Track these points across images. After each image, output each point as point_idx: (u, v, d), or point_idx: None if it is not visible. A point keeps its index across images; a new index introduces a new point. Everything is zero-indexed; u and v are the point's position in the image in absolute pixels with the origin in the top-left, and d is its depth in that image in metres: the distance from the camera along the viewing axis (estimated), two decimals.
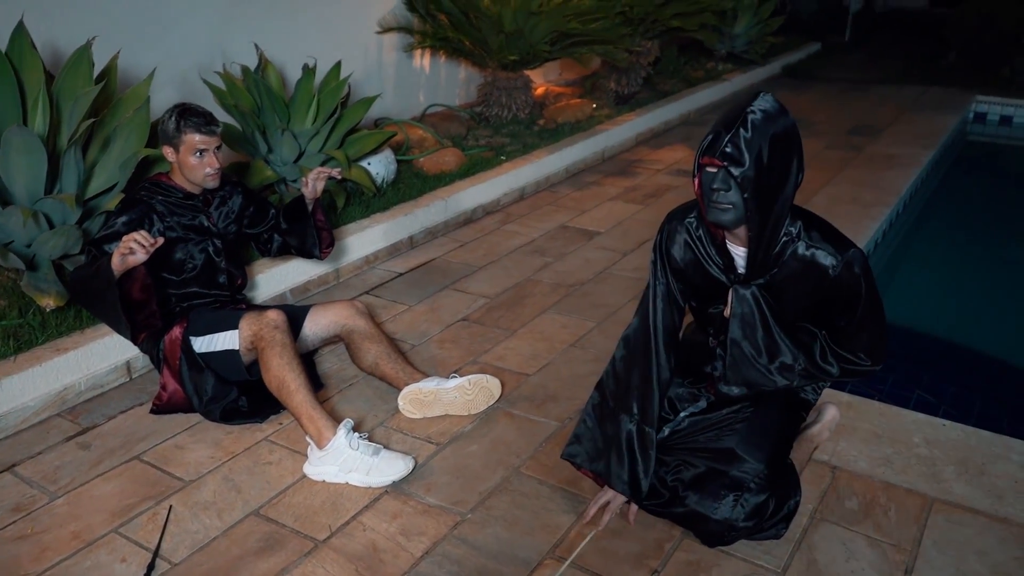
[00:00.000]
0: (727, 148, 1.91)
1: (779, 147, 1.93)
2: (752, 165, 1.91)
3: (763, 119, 1.91)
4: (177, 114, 2.72)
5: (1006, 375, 3.81)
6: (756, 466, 2.14)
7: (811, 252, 2.04)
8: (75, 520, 2.30)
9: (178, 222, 2.80)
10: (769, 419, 2.25)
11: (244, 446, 2.63)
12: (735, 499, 2.11)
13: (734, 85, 7.78)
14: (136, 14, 3.99)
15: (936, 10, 13.87)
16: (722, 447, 2.20)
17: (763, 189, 1.93)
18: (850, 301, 2.06)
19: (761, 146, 1.91)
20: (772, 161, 1.92)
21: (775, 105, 1.96)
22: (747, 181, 1.91)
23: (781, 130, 1.94)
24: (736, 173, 1.91)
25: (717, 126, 1.97)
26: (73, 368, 2.84)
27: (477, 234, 4.40)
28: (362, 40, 5.40)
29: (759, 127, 1.91)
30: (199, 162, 2.74)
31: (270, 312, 2.69)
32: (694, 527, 2.18)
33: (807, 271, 2.05)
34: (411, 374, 2.80)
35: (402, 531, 2.25)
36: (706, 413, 2.31)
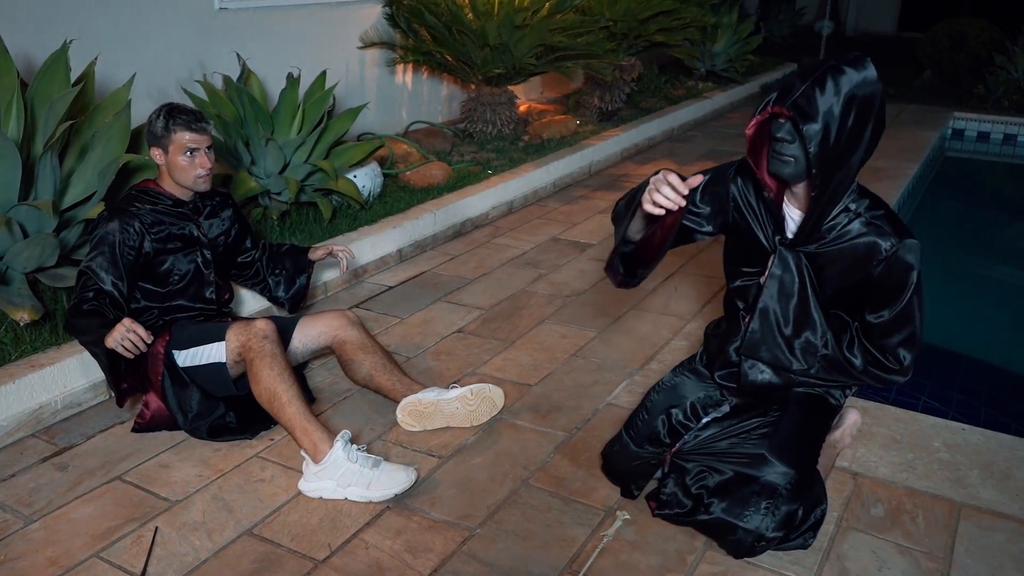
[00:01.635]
0: (800, 100, 1.80)
1: (856, 110, 1.82)
2: (821, 122, 1.80)
3: (846, 78, 1.81)
4: (165, 113, 2.58)
5: (1007, 381, 3.76)
6: (788, 471, 2.02)
7: (869, 230, 1.93)
8: (52, 545, 2.13)
9: (166, 232, 2.65)
10: (798, 423, 2.14)
11: (234, 463, 2.47)
12: (767, 506, 2.00)
13: (714, 103, 7.79)
14: (114, 26, 3.86)
15: (904, 34, 14.12)
16: (750, 452, 2.08)
17: (829, 149, 1.82)
18: (893, 292, 1.94)
19: (834, 104, 1.80)
20: (844, 122, 1.81)
21: (865, 67, 1.84)
22: (813, 136, 1.80)
23: (862, 93, 1.82)
24: (804, 127, 1.80)
25: (794, 77, 1.87)
26: (49, 385, 2.68)
27: (467, 247, 4.29)
28: (344, 55, 5.31)
29: (839, 84, 1.80)
30: (189, 162, 2.59)
31: (258, 322, 2.55)
32: (720, 536, 2.06)
33: (859, 249, 1.94)
34: (409, 385, 2.67)
35: (407, 548, 2.11)
36: (729, 419, 2.20)
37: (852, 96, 1.81)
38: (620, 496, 2.30)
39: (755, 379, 2.12)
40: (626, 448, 2.26)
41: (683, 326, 3.35)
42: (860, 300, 2.01)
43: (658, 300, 3.61)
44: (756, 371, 2.11)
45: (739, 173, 2.12)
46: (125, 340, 2.36)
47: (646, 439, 2.23)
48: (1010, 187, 7.27)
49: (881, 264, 1.92)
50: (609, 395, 2.83)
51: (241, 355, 2.50)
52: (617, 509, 2.24)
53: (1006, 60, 8.09)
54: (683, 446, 2.21)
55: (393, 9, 5.50)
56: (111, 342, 2.37)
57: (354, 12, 5.34)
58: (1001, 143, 7.54)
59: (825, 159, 1.83)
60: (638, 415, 2.29)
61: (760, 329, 2.06)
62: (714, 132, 7.13)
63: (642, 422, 2.26)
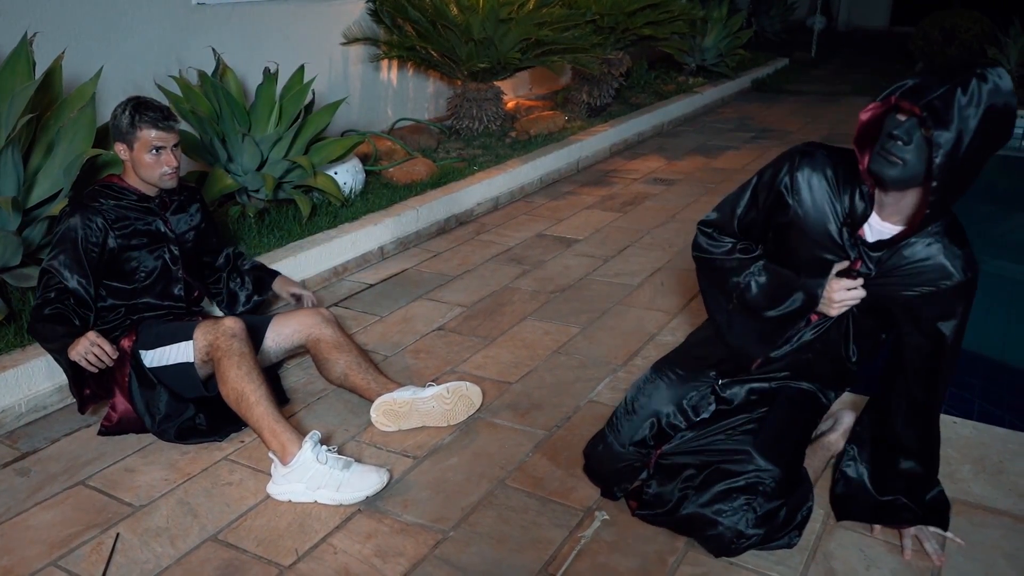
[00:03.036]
0: (936, 101, 1.64)
1: (991, 125, 1.66)
2: (955, 131, 1.64)
3: (989, 87, 1.64)
4: (131, 108, 2.49)
5: (1001, 374, 3.69)
6: (772, 469, 1.95)
7: (946, 254, 1.84)
8: (7, 554, 2.04)
9: (131, 228, 2.57)
10: (785, 421, 2.07)
11: (201, 467, 2.39)
12: (747, 502, 1.92)
13: (704, 98, 7.72)
14: (89, 21, 3.78)
15: (896, 28, 14.09)
16: (735, 448, 2.01)
17: (957, 162, 1.66)
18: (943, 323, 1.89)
19: (972, 116, 1.64)
20: (977, 136, 1.65)
21: (1004, 78, 1.67)
22: (944, 145, 1.64)
23: (1002, 107, 1.66)
24: (935, 132, 1.64)
25: (930, 75, 1.71)
26: (12, 388, 2.59)
27: (451, 244, 4.21)
28: (326, 51, 5.23)
29: (981, 93, 1.64)
30: (155, 160, 2.52)
31: (226, 320, 2.47)
32: (699, 533, 1.98)
33: (931, 271, 1.86)
34: (384, 384, 2.59)
35: (377, 552, 2.02)
36: (717, 419, 2.11)
37: (992, 108, 1.65)
38: (600, 496, 2.22)
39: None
40: (609, 449, 2.18)
41: (668, 321, 3.27)
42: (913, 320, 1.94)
43: (644, 295, 3.53)
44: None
45: (804, 162, 1.98)
46: (89, 354, 2.32)
47: (630, 441, 2.15)
48: (1002, 179, 7.21)
49: (947, 291, 1.85)
50: (591, 392, 2.76)
51: (209, 354, 2.42)
52: (596, 509, 2.16)
53: (998, 52, 8.04)
54: (668, 446, 2.13)
55: (377, 4, 5.42)
56: (74, 355, 2.33)
57: (337, 7, 5.26)
58: None
59: (949, 171, 1.67)
60: (621, 413, 2.20)
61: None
62: (704, 127, 7.06)
63: (626, 422, 2.17)
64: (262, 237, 3.67)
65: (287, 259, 3.52)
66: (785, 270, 2.04)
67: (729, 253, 2.13)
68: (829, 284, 1.95)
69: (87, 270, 2.49)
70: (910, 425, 2.00)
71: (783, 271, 2.04)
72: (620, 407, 2.21)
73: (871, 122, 1.80)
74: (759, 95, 8.58)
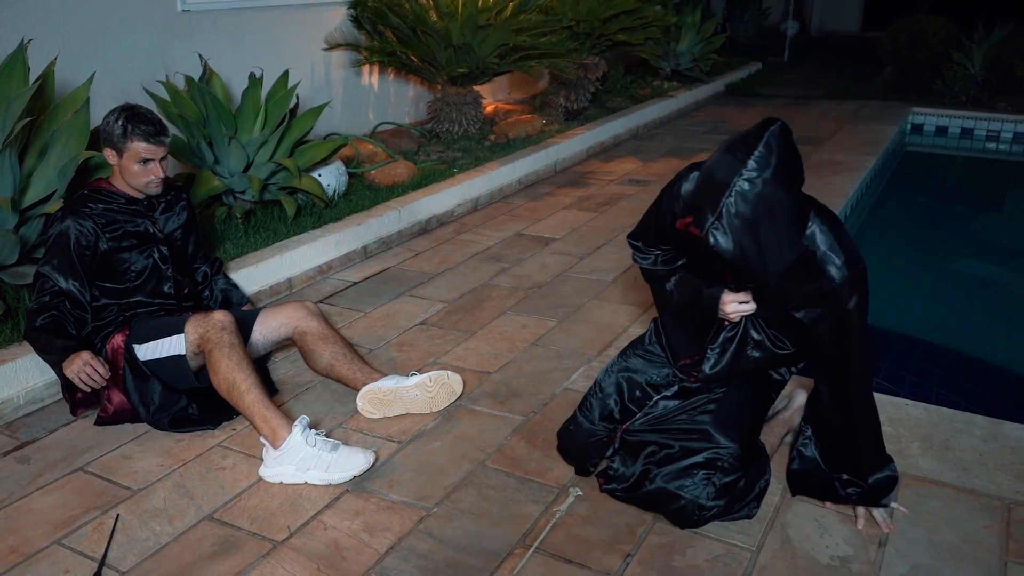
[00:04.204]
0: (712, 230, 1.75)
1: (767, 206, 1.75)
2: (736, 244, 1.75)
3: (749, 191, 1.73)
4: (125, 118, 2.57)
5: (957, 363, 3.87)
6: (730, 445, 2.10)
7: (823, 262, 1.92)
8: (13, 534, 2.15)
9: (121, 230, 2.68)
10: (742, 400, 2.22)
11: (196, 453, 2.51)
12: (706, 476, 2.07)
13: (679, 102, 7.90)
14: (76, 28, 3.88)
15: (867, 34, 14.36)
16: (695, 428, 2.16)
17: (755, 259, 1.78)
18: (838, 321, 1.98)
19: (745, 220, 1.74)
20: (761, 225, 1.75)
21: (771, 161, 1.74)
22: (736, 261, 1.78)
23: (766, 192, 1.75)
24: (719, 250, 1.76)
25: (704, 186, 1.79)
26: (11, 381, 2.70)
27: (432, 243, 4.35)
28: (309, 57, 5.34)
29: (748, 199, 1.73)
30: (142, 170, 2.62)
31: (216, 313, 2.58)
32: (663, 507, 2.13)
33: (813, 279, 1.93)
34: (369, 374, 2.72)
35: (365, 528, 2.15)
36: (678, 397, 2.26)
37: (760, 198, 1.74)
38: (575, 474, 2.36)
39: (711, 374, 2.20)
40: (580, 427, 2.33)
41: (641, 314, 3.43)
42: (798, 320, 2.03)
43: (617, 290, 3.69)
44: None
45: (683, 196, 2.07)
46: (81, 373, 2.43)
47: (600, 417, 2.30)
48: (967, 179, 7.44)
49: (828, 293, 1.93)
50: (567, 380, 2.90)
51: (200, 347, 2.54)
52: (571, 486, 2.30)
53: (963, 56, 8.27)
54: (633, 424, 2.27)
55: (358, 11, 5.55)
56: (69, 373, 2.45)
57: (319, 14, 5.38)
58: (959, 136, 7.71)
59: (754, 268, 1.80)
60: (591, 395, 2.35)
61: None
62: (679, 130, 7.24)
63: (596, 400, 2.33)
64: (248, 237, 3.78)
65: (273, 258, 3.64)
66: (694, 281, 2.16)
67: (655, 264, 2.26)
68: (722, 297, 2.07)
69: (80, 272, 2.59)
70: (834, 410, 2.11)
71: (692, 282, 2.17)
72: (590, 389, 2.36)
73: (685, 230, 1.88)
74: (733, 99, 8.77)
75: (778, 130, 1.79)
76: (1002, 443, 2.48)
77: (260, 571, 2.01)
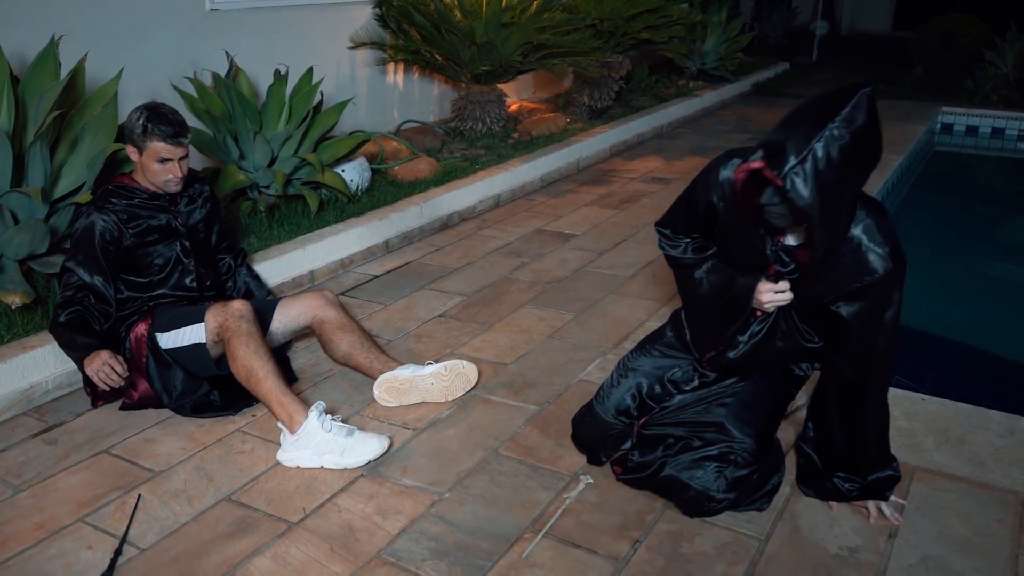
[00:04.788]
0: (791, 175, 1.69)
1: (847, 166, 1.71)
2: (814, 196, 1.69)
3: (839, 139, 1.68)
4: (146, 117, 2.60)
5: (980, 360, 3.84)
6: (745, 440, 2.11)
7: (867, 251, 1.88)
8: (39, 511, 2.22)
9: (144, 225, 2.72)
10: (760, 394, 2.21)
11: (216, 437, 2.57)
12: (718, 469, 2.08)
13: (704, 101, 7.88)
14: (107, 27, 3.97)
15: (899, 33, 14.20)
16: (711, 420, 2.16)
17: (827, 216, 1.75)
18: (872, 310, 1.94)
19: (829, 172, 1.69)
20: (839, 185, 1.72)
21: (861, 117, 1.70)
22: (806, 209, 1.71)
23: (863, 146, 1.71)
24: (794, 199, 1.71)
25: (788, 128, 1.74)
26: (40, 366, 2.78)
27: (453, 239, 4.39)
28: (335, 55, 5.42)
29: (835, 150, 1.68)
30: (161, 169, 2.65)
31: (235, 302, 2.64)
32: (674, 495, 2.15)
33: (855, 269, 1.90)
34: (386, 362, 2.76)
35: (378, 511, 2.20)
36: (696, 390, 2.25)
37: (846, 151, 1.70)
38: (586, 463, 2.38)
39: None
40: (596, 419, 2.34)
41: (658, 309, 3.44)
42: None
43: (635, 285, 3.70)
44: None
45: (722, 182, 2.04)
46: (100, 372, 2.51)
47: (615, 411, 2.31)
48: (998, 179, 7.34)
49: (871, 284, 1.90)
50: (582, 372, 2.92)
51: (219, 335, 2.60)
52: (582, 474, 2.33)
53: (995, 56, 8.16)
54: (651, 419, 2.28)
55: (383, 10, 5.62)
56: (89, 371, 2.53)
57: (345, 13, 5.45)
58: (989, 136, 7.62)
59: (818, 221, 1.75)
60: (608, 387, 2.36)
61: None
62: (704, 128, 7.22)
63: (612, 394, 2.33)
64: (272, 230, 3.85)
65: (296, 251, 3.71)
66: (727, 270, 2.14)
67: (684, 252, 2.24)
68: (758, 286, 2.03)
69: (104, 267, 2.65)
70: (845, 407, 2.08)
71: (726, 271, 2.14)
72: (606, 380, 2.38)
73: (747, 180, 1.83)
74: (759, 98, 8.73)
75: (869, 93, 1.74)
76: (1019, 438, 2.46)
77: (275, 550, 2.06)
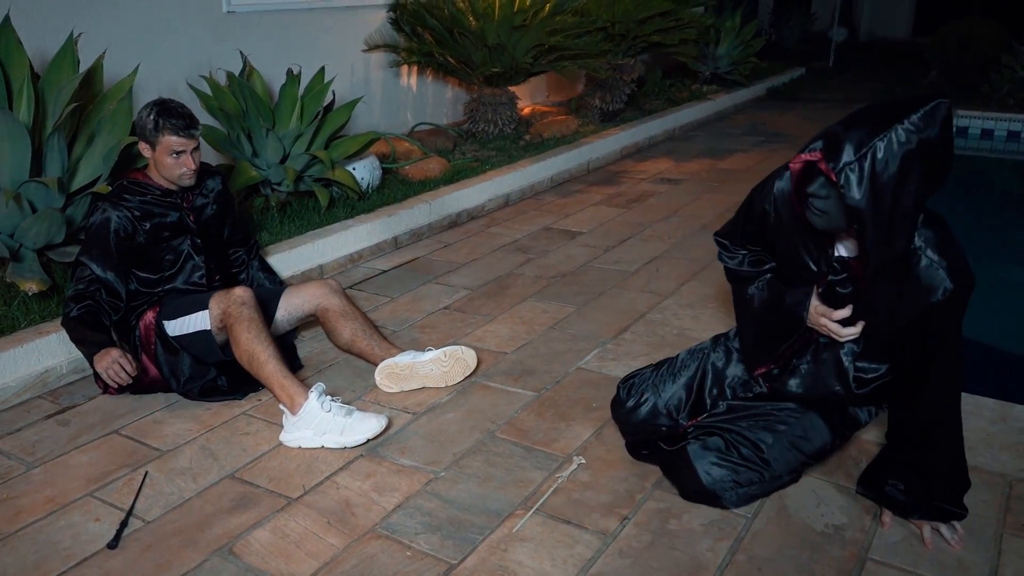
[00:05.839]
0: (850, 168, 1.66)
1: (915, 178, 1.67)
2: (866, 196, 1.67)
3: (907, 139, 1.64)
4: (156, 112, 2.65)
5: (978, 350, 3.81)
6: (778, 476, 2.11)
7: (928, 269, 1.80)
8: (51, 486, 2.31)
9: (156, 222, 2.76)
10: (811, 432, 2.14)
11: (222, 420, 2.64)
12: (735, 483, 2.09)
13: (718, 104, 7.91)
14: (126, 28, 4.09)
15: (918, 39, 14.14)
16: (754, 439, 2.12)
17: (881, 220, 1.70)
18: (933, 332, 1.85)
19: (886, 175, 1.65)
20: (898, 192, 1.67)
21: (933, 130, 1.65)
22: (857, 208, 1.69)
23: (926, 156, 1.66)
24: (847, 196, 1.69)
25: (853, 123, 1.71)
26: (55, 351, 2.87)
27: (461, 236, 4.46)
28: (349, 58, 5.52)
29: (898, 153, 1.64)
30: (175, 162, 2.70)
31: (236, 289, 2.70)
32: (679, 477, 2.16)
33: (917, 287, 1.83)
34: (387, 349, 2.83)
35: (375, 488, 2.26)
36: (751, 400, 2.22)
37: (912, 158, 1.66)
38: (581, 443, 2.43)
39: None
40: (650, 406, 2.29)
41: (659, 302, 3.48)
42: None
43: (639, 280, 3.75)
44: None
45: (775, 193, 2.04)
46: (110, 370, 2.57)
47: (668, 402, 2.28)
48: (1015, 182, 7.31)
49: (932, 305, 1.82)
50: (580, 360, 2.97)
51: (223, 321, 2.66)
52: (575, 455, 2.38)
53: (1012, 60, 8.13)
54: (701, 420, 2.23)
55: (397, 13, 5.72)
56: (99, 368, 2.60)
57: (359, 16, 5.55)
58: (1005, 140, 7.58)
59: (871, 226, 1.71)
60: (666, 375, 2.32)
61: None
62: (715, 131, 7.26)
63: (670, 383, 2.30)
64: (283, 226, 3.94)
65: (306, 245, 3.79)
66: (779, 286, 2.12)
67: (740, 265, 2.24)
68: (814, 305, 2.00)
69: (117, 263, 2.71)
70: (911, 439, 2.01)
71: (778, 287, 2.11)
72: (666, 366, 2.34)
73: (801, 172, 1.83)
74: (773, 102, 8.75)
75: (947, 104, 1.68)
76: (1011, 424, 2.49)
77: (274, 523, 2.13)
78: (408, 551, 2.01)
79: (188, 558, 2.01)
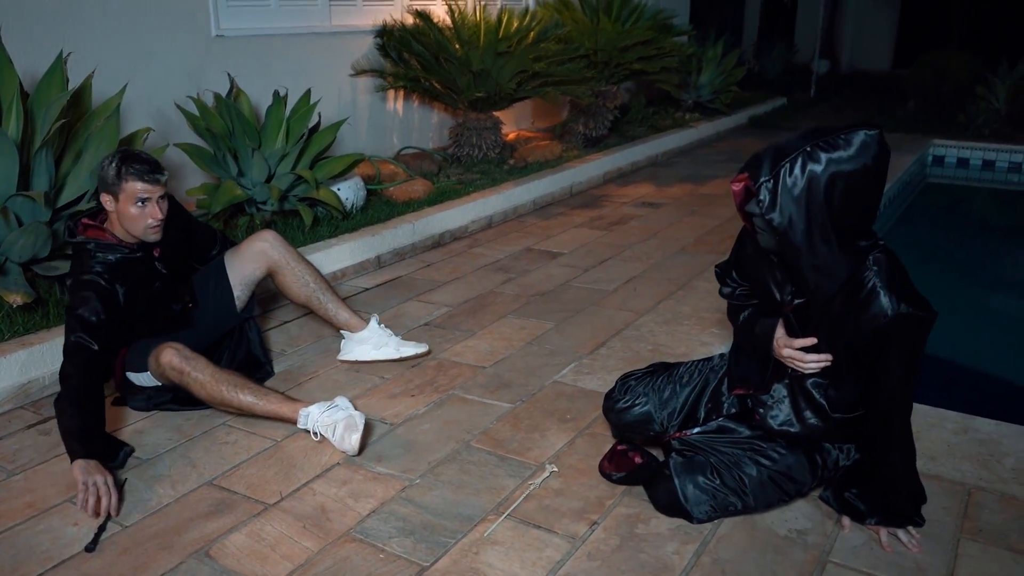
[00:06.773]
0: (764, 186, 1.78)
1: (820, 190, 1.76)
2: (783, 214, 1.77)
3: (814, 163, 1.74)
4: (119, 160, 2.51)
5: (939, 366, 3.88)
6: (752, 508, 2.15)
7: (880, 295, 1.86)
8: (30, 492, 2.34)
9: (131, 281, 2.62)
10: (794, 470, 2.15)
11: (203, 430, 2.68)
12: (712, 508, 2.13)
13: (700, 132, 8.06)
14: (115, 46, 4.18)
15: (898, 71, 14.43)
16: (740, 472, 2.13)
17: (794, 237, 1.80)
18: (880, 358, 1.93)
19: (799, 194, 1.76)
20: (817, 212, 1.77)
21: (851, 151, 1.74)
22: (775, 225, 1.79)
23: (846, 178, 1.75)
24: (766, 215, 1.79)
25: (776, 145, 1.83)
26: (38, 363, 2.91)
27: (444, 256, 4.53)
28: (336, 82, 5.62)
29: (809, 174, 1.74)
30: (140, 213, 2.53)
31: (164, 354, 2.57)
32: (655, 487, 2.21)
33: (867, 312, 1.88)
34: (347, 321, 3.10)
35: (351, 494, 2.30)
36: (744, 424, 2.22)
37: (820, 175, 1.76)
38: (554, 452, 2.49)
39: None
40: (644, 408, 2.34)
41: (636, 319, 3.55)
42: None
43: (616, 298, 3.82)
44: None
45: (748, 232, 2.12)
46: (87, 495, 2.21)
47: (660, 405, 2.32)
48: (989, 210, 7.46)
49: (878, 330, 1.88)
50: (556, 374, 3.03)
51: (170, 379, 2.62)
52: (547, 463, 2.43)
53: (986, 91, 8.33)
54: (689, 435, 2.25)
55: (384, 39, 5.83)
56: (77, 478, 2.25)
57: (346, 42, 5.67)
58: (980, 168, 7.75)
59: (789, 244, 1.81)
60: (669, 378, 2.36)
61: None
62: (697, 158, 7.39)
63: (670, 386, 2.35)
64: None
65: None
66: (756, 316, 2.18)
67: (730, 296, 2.33)
68: (776, 340, 2.07)
69: (107, 331, 2.51)
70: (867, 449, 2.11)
71: (755, 317, 2.18)
72: (666, 371, 2.39)
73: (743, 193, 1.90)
74: (754, 131, 8.91)
75: (875, 135, 1.76)
76: (971, 436, 2.56)
77: (250, 528, 2.16)
78: (381, 554, 2.05)
79: (165, 560, 2.05)
